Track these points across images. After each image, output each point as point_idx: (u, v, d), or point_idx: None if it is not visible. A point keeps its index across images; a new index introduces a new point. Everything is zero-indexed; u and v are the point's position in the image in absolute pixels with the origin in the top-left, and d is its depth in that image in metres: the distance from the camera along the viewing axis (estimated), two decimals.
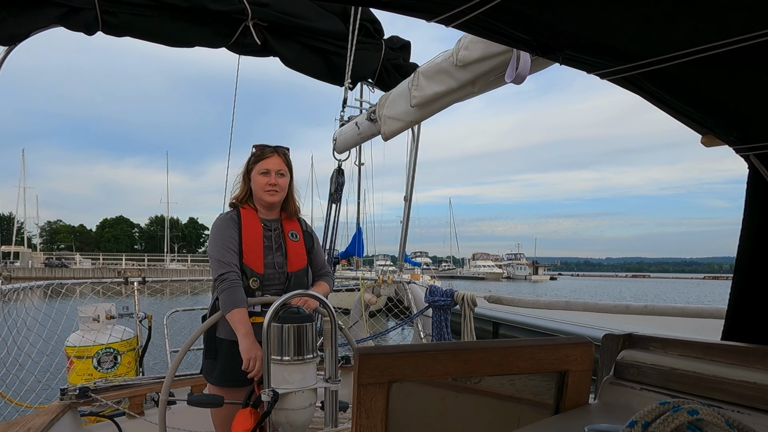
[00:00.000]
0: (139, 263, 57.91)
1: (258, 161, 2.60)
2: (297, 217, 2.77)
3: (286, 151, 2.67)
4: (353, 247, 13.08)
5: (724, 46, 1.00)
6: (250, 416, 2.24)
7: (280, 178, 2.59)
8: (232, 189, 2.74)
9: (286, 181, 2.63)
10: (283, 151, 2.65)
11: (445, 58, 2.68)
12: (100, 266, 55.68)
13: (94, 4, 2.73)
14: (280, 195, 2.62)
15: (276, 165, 2.59)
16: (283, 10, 3.31)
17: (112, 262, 60.56)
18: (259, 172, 2.58)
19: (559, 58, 1.19)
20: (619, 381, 1.28)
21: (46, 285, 4.17)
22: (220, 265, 2.44)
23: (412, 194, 5.11)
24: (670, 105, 1.30)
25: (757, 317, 1.39)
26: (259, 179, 2.58)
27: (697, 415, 0.81)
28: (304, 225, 2.79)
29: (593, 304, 4.07)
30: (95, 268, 53.68)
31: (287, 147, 2.70)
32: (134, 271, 45.22)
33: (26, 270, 49.05)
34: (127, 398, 3.12)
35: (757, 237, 1.39)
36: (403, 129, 3.21)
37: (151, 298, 6.56)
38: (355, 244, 12.93)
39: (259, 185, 2.58)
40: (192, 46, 3.22)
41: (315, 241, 2.81)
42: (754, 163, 1.36)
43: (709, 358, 1.17)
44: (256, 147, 2.65)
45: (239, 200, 2.67)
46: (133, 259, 64.12)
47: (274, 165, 2.58)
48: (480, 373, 1.10)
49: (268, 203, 2.61)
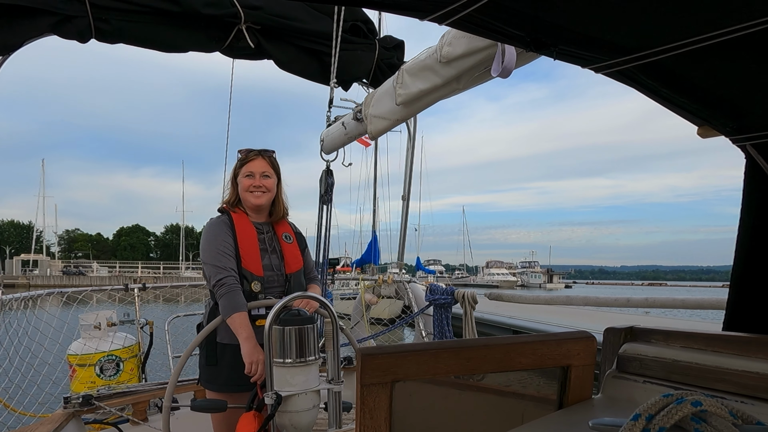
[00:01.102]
0: (155, 271, 58.46)
1: (243, 165, 2.62)
2: (287, 220, 2.78)
3: (271, 154, 2.69)
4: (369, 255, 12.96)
5: (718, 36, 1.00)
6: (254, 420, 2.24)
7: (265, 180, 2.60)
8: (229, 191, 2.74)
9: (271, 182, 2.63)
10: (268, 153, 2.67)
11: (428, 54, 2.66)
12: (117, 274, 56.53)
13: (86, 11, 2.73)
14: (267, 197, 2.62)
15: (260, 167, 2.60)
16: (275, 12, 3.30)
17: (129, 270, 61.26)
18: (244, 175, 2.60)
19: (553, 53, 1.19)
20: (621, 374, 1.28)
21: (47, 293, 4.18)
22: (217, 270, 2.43)
23: (409, 194, 5.11)
24: (666, 97, 1.30)
25: (757, 307, 1.39)
26: (244, 182, 2.60)
27: (701, 406, 0.81)
28: (294, 227, 2.81)
29: (594, 298, 4.08)
30: (112, 275, 54.53)
31: (273, 150, 2.72)
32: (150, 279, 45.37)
33: (44, 278, 50.02)
34: (131, 405, 3.12)
35: (756, 227, 1.39)
36: (389, 128, 3.20)
37: (166, 305, 6.56)
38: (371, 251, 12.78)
39: (243, 187, 2.60)
40: (186, 51, 3.22)
41: (306, 244, 2.84)
42: (750, 152, 1.36)
43: (711, 349, 1.17)
44: (241, 151, 2.67)
45: (230, 204, 2.67)
46: (148, 267, 64.77)
47: (258, 167, 2.60)
48: (482, 371, 1.10)
49: (254, 205, 2.61)
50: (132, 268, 62.47)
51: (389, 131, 3.30)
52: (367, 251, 15.12)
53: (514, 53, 2.15)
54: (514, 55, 2.16)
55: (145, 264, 67.40)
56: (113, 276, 53.40)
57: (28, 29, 2.69)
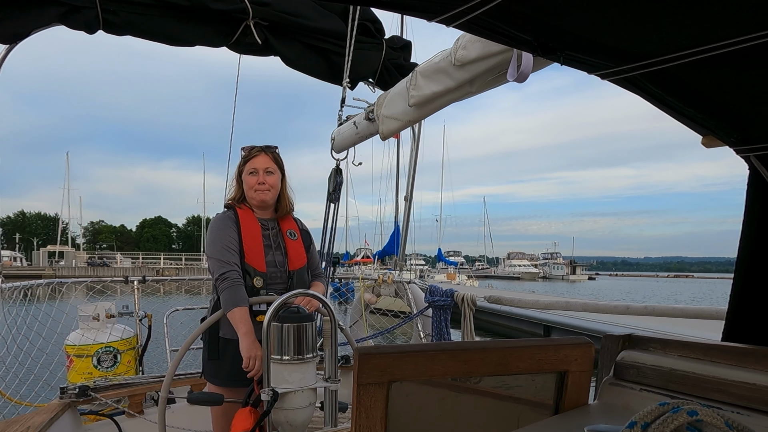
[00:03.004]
0: (177, 262, 58.94)
1: (246, 161, 2.63)
2: (292, 216, 2.78)
3: (274, 150, 2.69)
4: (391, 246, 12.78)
5: (724, 47, 1.00)
6: (250, 415, 2.24)
7: (268, 176, 2.60)
8: (227, 191, 2.75)
9: (275, 178, 2.63)
10: (271, 150, 2.68)
11: (443, 57, 2.67)
12: (140, 265, 56.89)
13: (95, 2, 2.73)
14: (272, 193, 2.63)
15: (264, 163, 2.61)
16: (284, 9, 3.30)
17: (151, 261, 61.83)
18: (248, 172, 2.61)
19: (560, 59, 1.19)
20: (618, 381, 1.28)
21: (46, 284, 4.18)
22: (220, 264, 2.45)
23: (412, 195, 5.11)
24: (671, 106, 1.30)
25: (757, 318, 1.39)
26: (248, 179, 2.61)
27: (697, 416, 0.81)
28: (300, 224, 2.81)
29: (593, 305, 4.08)
30: (135, 266, 54.91)
31: (276, 146, 2.73)
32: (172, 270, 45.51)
33: (70, 269, 50.70)
34: (127, 397, 3.12)
35: (758, 238, 1.39)
36: (401, 128, 3.21)
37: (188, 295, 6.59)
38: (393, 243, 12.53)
39: (248, 185, 2.61)
40: (193, 45, 3.22)
41: (312, 240, 2.83)
42: (754, 164, 1.36)
43: (709, 359, 1.17)
44: (244, 148, 2.68)
45: (235, 200, 2.68)
46: (170, 258, 65.33)
47: (261, 164, 2.60)
48: (480, 373, 1.10)
49: (259, 201, 2.62)
50: (155, 259, 62.93)
51: None
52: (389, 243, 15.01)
53: (531, 58, 2.15)
54: (531, 60, 2.15)
55: (167, 255, 67.95)
56: (136, 267, 53.98)
57: (36, 19, 2.69)
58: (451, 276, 40.66)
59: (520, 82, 2.21)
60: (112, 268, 51.32)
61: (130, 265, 56.23)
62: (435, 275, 39.69)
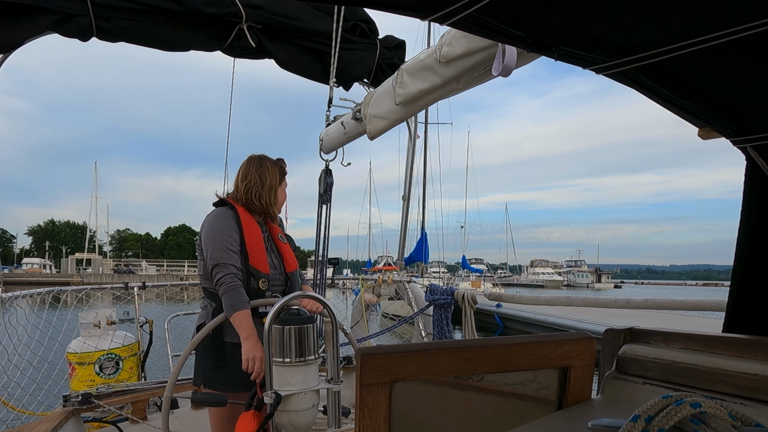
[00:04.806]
0: None
1: (283, 177, 2.75)
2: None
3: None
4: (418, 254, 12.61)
5: (719, 37, 1.00)
6: (253, 419, 2.24)
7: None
8: (242, 188, 2.65)
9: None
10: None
11: (428, 54, 2.65)
12: (164, 272, 57.96)
13: (87, 10, 2.73)
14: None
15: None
16: (277, 11, 3.30)
17: (175, 268, 62.82)
18: (283, 189, 2.74)
19: (554, 54, 1.19)
20: (621, 375, 1.28)
21: (57, 291, 4.19)
22: (220, 267, 2.42)
23: (410, 194, 5.10)
24: (666, 98, 1.30)
25: (757, 309, 1.39)
26: (282, 195, 2.73)
27: (700, 407, 0.82)
28: (283, 228, 2.88)
29: (593, 300, 4.08)
30: (159, 274, 56.00)
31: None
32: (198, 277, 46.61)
33: (97, 276, 52.02)
34: (130, 404, 3.12)
35: (756, 229, 1.39)
36: (388, 127, 3.19)
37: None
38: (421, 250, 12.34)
39: (281, 201, 2.73)
40: (187, 50, 3.22)
41: (295, 246, 2.89)
42: (751, 154, 1.36)
43: (711, 351, 1.17)
44: (283, 162, 2.78)
45: (237, 200, 2.63)
46: (194, 265, 65.88)
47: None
48: (482, 371, 1.10)
49: (276, 213, 2.73)
50: (179, 266, 63.76)
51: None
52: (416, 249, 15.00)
53: (515, 52, 2.16)
54: (515, 54, 2.16)
55: (191, 263, 68.73)
56: (161, 274, 54.92)
57: (29, 27, 2.69)
58: (476, 284, 38.79)
59: (504, 76, 2.23)
60: (138, 275, 52.09)
61: (155, 272, 57.47)
62: (459, 283, 38.52)
